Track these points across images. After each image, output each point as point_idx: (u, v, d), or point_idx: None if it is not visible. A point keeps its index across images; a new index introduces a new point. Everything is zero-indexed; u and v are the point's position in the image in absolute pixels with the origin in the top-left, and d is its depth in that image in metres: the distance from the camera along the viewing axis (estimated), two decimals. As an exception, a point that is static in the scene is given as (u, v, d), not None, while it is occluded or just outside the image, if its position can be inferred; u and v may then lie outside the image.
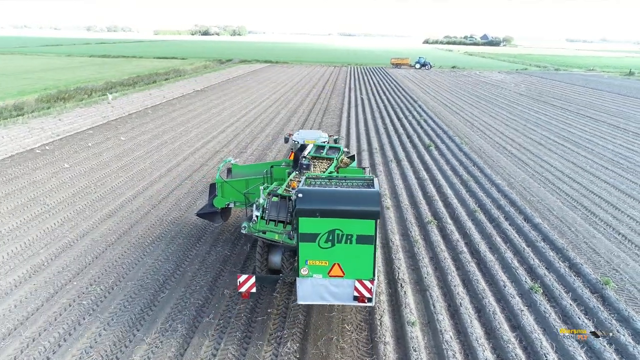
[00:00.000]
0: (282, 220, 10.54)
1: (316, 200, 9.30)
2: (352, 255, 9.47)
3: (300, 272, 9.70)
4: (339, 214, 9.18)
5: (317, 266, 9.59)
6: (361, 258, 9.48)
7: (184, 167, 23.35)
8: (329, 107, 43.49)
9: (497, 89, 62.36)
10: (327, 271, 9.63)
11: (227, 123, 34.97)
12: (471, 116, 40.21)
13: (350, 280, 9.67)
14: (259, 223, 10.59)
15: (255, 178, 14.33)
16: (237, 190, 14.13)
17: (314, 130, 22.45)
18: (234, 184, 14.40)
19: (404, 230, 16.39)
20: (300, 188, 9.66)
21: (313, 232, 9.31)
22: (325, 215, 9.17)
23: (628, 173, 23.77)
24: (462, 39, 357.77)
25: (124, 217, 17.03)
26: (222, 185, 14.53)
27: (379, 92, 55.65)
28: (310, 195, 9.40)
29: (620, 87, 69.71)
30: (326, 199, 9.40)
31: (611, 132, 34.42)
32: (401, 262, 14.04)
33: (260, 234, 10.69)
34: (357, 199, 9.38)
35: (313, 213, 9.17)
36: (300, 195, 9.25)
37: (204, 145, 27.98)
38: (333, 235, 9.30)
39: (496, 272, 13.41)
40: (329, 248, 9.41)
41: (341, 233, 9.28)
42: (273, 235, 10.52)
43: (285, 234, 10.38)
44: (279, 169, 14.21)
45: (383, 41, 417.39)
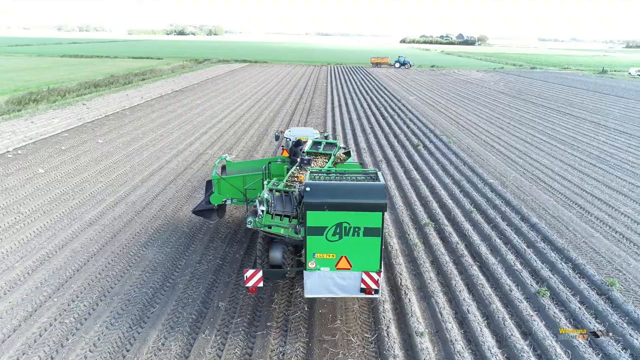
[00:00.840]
0: (288, 215, 10.44)
1: (324, 193, 9.37)
2: (359, 247, 9.56)
3: (308, 266, 9.73)
4: (347, 207, 9.27)
5: (324, 259, 9.68)
6: (368, 250, 9.60)
7: (168, 171, 22.37)
8: (313, 106, 42.84)
9: (477, 87, 62.78)
10: (334, 264, 9.72)
11: (210, 124, 33.96)
12: (456, 115, 40.16)
13: (357, 273, 9.80)
14: (265, 217, 10.43)
15: (253, 174, 14.21)
16: (234, 187, 14.04)
17: (306, 127, 21.98)
18: (230, 181, 14.15)
19: (401, 233, 15.88)
20: (308, 182, 9.66)
21: (321, 226, 9.37)
22: (332, 208, 9.24)
23: (616, 170, 23.86)
24: (439, 38, 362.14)
25: (106, 225, 16.03)
26: (218, 182, 14.27)
27: (361, 91, 55.27)
28: (318, 188, 9.45)
29: (595, 84, 71.14)
30: (333, 192, 9.47)
31: (593, 129, 34.78)
32: (402, 268, 13.52)
33: (265, 228, 10.54)
34: (364, 192, 9.51)
35: (321, 206, 9.22)
36: (308, 189, 9.29)
37: (187, 147, 26.98)
38: (340, 228, 9.39)
39: (500, 276, 13.01)
40: (336, 241, 9.50)
41: (348, 226, 9.37)
42: (279, 230, 10.40)
43: (291, 228, 10.29)
44: (277, 165, 14.13)
45: (361, 40, 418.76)
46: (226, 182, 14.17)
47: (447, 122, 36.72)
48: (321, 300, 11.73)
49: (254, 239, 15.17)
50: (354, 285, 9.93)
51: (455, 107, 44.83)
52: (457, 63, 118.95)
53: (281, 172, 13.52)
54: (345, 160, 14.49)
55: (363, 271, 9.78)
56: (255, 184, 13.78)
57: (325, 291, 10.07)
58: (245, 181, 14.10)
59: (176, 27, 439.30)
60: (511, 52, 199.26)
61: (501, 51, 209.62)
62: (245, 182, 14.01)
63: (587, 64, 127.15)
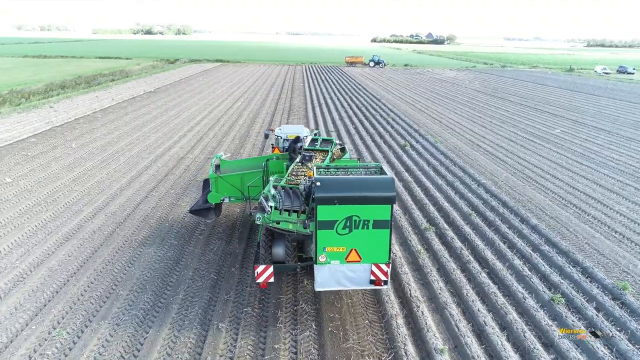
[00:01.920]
0: (296, 210, 10.37)
1: (334, 188, 9.44)
2: (369, 240, 9.71)
3: (319, 260, 9.80)
4: (357, 201, 9.39)
5: (334, 252, 9.77)
6: (377, 242, 9.77)
7: (148, 177, 21.07)
8: (293, 107, 41.91)
9: (453, 86, 63.15)
10: (344, 257, 9.82)
11: (188, 126, 32.59)
12: (437, 114, 40.00)
13: (367, 265, 9.97)
14: (273, 213, 10.28)
15: (252, 172, 14.25)
16: (232, 185, 14.12)
17: (296, 125, 21.71)
18: (228, 179, 14.15)
19: (402, 239, 15.23)
20: (318, 176, 9.72)
21: (331, 220, 9.47)
22: (343, 202, 9.35)
23: (602, 168, 23.96)
24: (409, 37, 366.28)
25: (85, 240, 14.76)
26: (216, 181, 14.26)
27: (339, 91, 54.66)
28: (328, 183, 9.50)
29: (565, 82, 72.81)
30: (343, 186, 9.54)
31: (573, 127, 35.18)
32: (409, 277, 12.85)
33: (274, 224, 10.41)
34: (373, 185, 9.65)
35: (331, 200, 9.31)
36: (319, 184, 9.35)
37: (166, 152, 25.65)
38: (350, 222, 9.50)
39: (511, 283, 12.51)
40: (346, 234, 9.62)
41: (358, 219, 9.49)
42: (287, 225, 10.32)
43: (300, 223, 10.24)
44: (275, 163, 14.15)
45: (332, 40, 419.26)
46: (224, 181, 14.10)
47: (429, 121, 36.47)
48: (329, 318, 10.93)
49: (248, 249, 14.26)
50: (364, 277, 10.10)
51: (435, 105, 44.74)
52: (429, 62, 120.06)
53: (280, 170, 13.56)
54: (341, 157, 14.40)
55: (372, 263, 9.93)
56: (257, 182, 13.73)
57: (335, 284, 10.17)
58: (243, 179, 14.10)
59: (143, 26, 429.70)
60: (479, 51, 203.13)
61: (470, 50, 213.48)
62: (244, 181, 14.03)
63: (554, 62, 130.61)
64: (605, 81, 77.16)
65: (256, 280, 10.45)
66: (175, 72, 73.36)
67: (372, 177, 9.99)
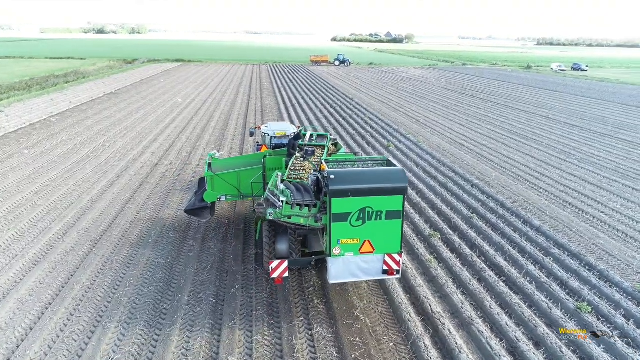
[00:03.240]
0: (308, 204, 10.21)
1: (348, 180, 9.48)
2: (382, 230, 9.80)
3: (333, 252, 9.81)
4: (370, 192, 9.46)
5: (348, 244, 9.81)
6: (390, 233, 9.87)
7: (121, 187, 19.28)
8: (265, 107, 40.48)
9: (421, 84, 63.40)
10: (358, 248, 9.88)
11: (157, 130, 30.62)
12: (412, 112, 39.66)
13: (380, 255, 10.08)
14: (285, 208, 10.05)
15: (250, 169, 14.21)
16: (228, 183, 13.99)
17: (282, 122, 21.25)
18: (224, 177, 14.02)
19: (409, 248, 14.36)
20: (332, 170, 9.76)
21: (345, 212, 9.51)
22: (356, 194, 9.40)
23: (586, 165, 24.09)
24: (368, 36, 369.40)
25: (57, 263, 13.03)
26: (212, 179, 14.06)
27: (310, 91, 53.57)
28: (342, 176, 9.52)
29: (527, 79, 74.75)
30: (357, 179, 9.62)
31: (547, 124, 35.64)
32: (425, 290, 11.97)
33: (285, 219, 10.17)
34: (385, 177, 9.79)
35: (345, 193, 9.35)
36: (333, 177, 9.34)
37: (137, 158, 23.77)
38: (364, 213, 9.58)
39: (532, 292, 11.87)
40: (360, 226, 9.68)
41: (372, 210, 9.58)
42: (298, 220, 10.14)
43: (311, 217, 10.10)
44: (273, 159, 13.91)
45: (292, 39, 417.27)
46: (220, 179, 13.93)
47: (407, 120, 36.01)
48: (351, 343, 9.87)
49: (244, 270, 12.97)
50: (377, 267, 10.20)
51: (408, 104, 44.47)
52: (392, 61, 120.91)
53: (278, 166, 13.37)
54: (335, 152, 14.14)
55: (385, 253, 10.05)
56: (258, 178, 13.67)
57: (349, 276, 10.22)
58: (240, 177, 14.03)
59: (94, 25, 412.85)
60: (438, 50, 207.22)
61: (428, 49, 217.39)
62: (240, 178, 14.00)
63: (512, 59, 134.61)
64: (563, 78, 79.86)
65: (271, 275, 10.31)
66: (135, 73, 70.03)
67: (383, 169, 10.19)
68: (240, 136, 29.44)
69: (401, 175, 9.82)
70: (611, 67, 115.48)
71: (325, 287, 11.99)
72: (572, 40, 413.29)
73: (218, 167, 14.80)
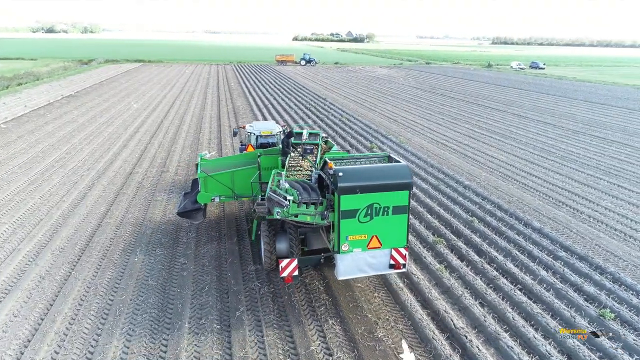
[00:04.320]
0: (314, 202, 10.26)
1: (356, 177, 9.57)
2: (389, 226, 9.91)
3: (341, 249, 9.85)
4: (378, 189, 9.58)
5: (356, 241, 9.86)
6: (396, 228, 9.99)
7: (94, 200, 17.69)
8: (237, 109, 39.08)
9: (391, 84, 63.46)
10: (366, 244, 9.97)
11: (125, 135, 28.78)
12: (388, 112, 39.32)
13: (386, 250, 10.20)
14: (292, 207, 9.96)
15: (243, 169, 14.02)
16: (221, 184, 13.76)
17: (267, 122, 20.69)
18: (218, 178, 13.79)
19: (416, 256, 13.71)
20: (339, 167, 9.77)
21: (353, 209, 9.58)
22: (364, 190, 9.51)
23: (568, 162, 24.32)
24: (329, 35, 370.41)
25: (31, 292, 11.54)
26: (205, 180, 13.78)
27: (281, 91, 52.42)
28: (350, 173, 9.59)
29: (491, 78, 76.40)
30: (364, 175, 9.74)
31: (520, 122, 36.12)
32: (443, 303, 11.33)
33: (292, 217, 10.10)
34: (391, 173, 9.95)
35: (353, 190, 9.44)
36: (341, 174, 9.40)
37: (107, 166, 22.06)
38: (371, 209, 9.67)
39: (551, 300, 11.46)
40: (368, 222, 9.76)
41: (379, 206, 9.69)
42: (305, 218, 10.11)
43: (318, 214, 10.08)
44: (268, 158, 13.90)
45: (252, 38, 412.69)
46: (213, 179, 13.70)
47: (385, 120, 35.60)
48: (378, 368, 9.07)
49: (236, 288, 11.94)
50: (384, 262, 10.33)
51: (382, 104, 44.16)
52: (356, 60, 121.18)
53: (274, 165, 13.42)
54: (329, 149, 14.20)
55: (392, 248, 10.17)
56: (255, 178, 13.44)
57: (357, 272, 10.30)
58: (233, 177, 13.90)
59: (44, 24, 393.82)
60: (400, 49, 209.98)
61: (390, 48, 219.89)
62: (233, 178, 13.89)
63: (472, 58, 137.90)
64: (524, 76, 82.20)
65: (281, 274, 10.29)
66: (93, 74, 66.62)
67: (389, 165, 10.36)
68: (216, 140, 28.09)
69: (406, 171, 10.00)
70: (565, 65, 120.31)
71: (338, 305, 11.15)
72: (524, 39, 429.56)
73: (208, 168, 14.42)
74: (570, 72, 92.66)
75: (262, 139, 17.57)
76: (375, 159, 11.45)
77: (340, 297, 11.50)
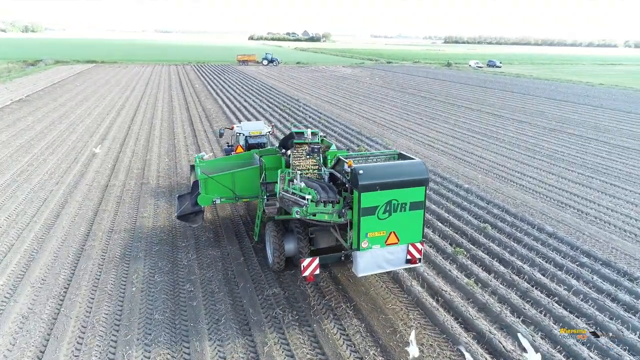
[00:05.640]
0: (332, 201, 10.28)
1: (376, 175, 9.65)
2: (406, 221, 10.04)
3: (361, 246, 9.89)
4: (397, 185, 9.71)
5: (375, 237, 9.92)
6: (413, 223, 10.13)
7: (70, 220, 15.76)
8: (209, 112, 37.20)
9: (358, 83, 63.06)
10: (384, 240, 10.02)
11: (92, 143, 26.47)
12: (365, 113, 38.66)
13: (404, 246, 10.31)
14: (311, 206, 9.96)
15: (245, 170, 13.88)
16: (223, 185, 13.59)
17: (256, 122, 20.51)
18: (219, 179, 13.60)
19: (440, 270, 12.89)
20: (360, 165, 9.88)
21: (373, 206, 9.65)
22: (384, 187, 9.62)
23: (556, 161, 24.46)
24: (285, 35, 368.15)
25: (15, 335, 9.80)
26: (206, 182, 13.55)
27: (251, 92, 50.72)
28: (370, 171, 9.68)
29: (452, 76, 77.69)
30: (384, 173, 9.81)
31: (496, 120, 36.41)
32: (483, 322, 10.52)
33: (311, 216, 10.08)
34: (408, 169, 10.08)
35: (374, 187, 9.53)
36: (362, 172, 9.49)
37: (79, 180, 19.98)
38: (390, 206, 9.78)
39: (593, 313, 10.93)
40: (386, 218, 9.85)
41: (397, 202, 9.81)
42: (323, 216, 10.11)
43: (336, 213, 10.12)
44: (271, 158, 13.73)
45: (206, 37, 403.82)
46: (214, 181, 13.52)
47: (363, 121, 34.88)
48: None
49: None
50: (401, 257, 10.43)
51: (356, 104, 43.50)
52: (317, 59, 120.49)
53: (277, 165, 13.32)
54: (328, 148, 13.86)
55: (409, 243, 10.29)
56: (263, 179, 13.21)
57: (376, 268, 10.39)
58: (234, 178, 13.73)
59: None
60: (358, 48, 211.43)
61: (348, 47, 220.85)
62: (234, 179, 13.73)
63: (430, 57, 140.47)
64: (484, 74, 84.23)
65: (302, 274, 10.37)
66: (42, 76, 62.21)
67: (406, 162, 10.49)
68: (194, 145, 26.35)
69: (423, 167, 10.18)
70: (519, 63, 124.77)
71: (374, 333, 10.13)
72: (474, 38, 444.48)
73: (207, 169, 14.17)
74: (525, 70, 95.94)
75: (251, 139, 17.49)
76: (387, 156, 11.60)
77: (375, 322, 10.49)
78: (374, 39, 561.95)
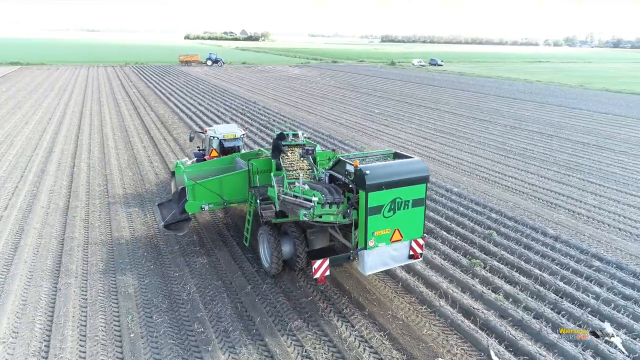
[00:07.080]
0: (337, 202, 10.21)
1: (381, 174, 9.85)
2: (409, 218, 10.35)
3: (368, 245, 10.07)
4: (401, 184, 9.97)
5: (381, 235, 10.16)
6: (415, 219, 10.46)
7: (32, 253, 13.51)
8: (163, 118, 34.66)
9: (312, 84, 62.18)
10: (389, 238, 10.29)
11: (38, 158, 23.52)
12: (329, 115, 37.78)
13: (407, 242, 10.66)
14: (317, 208, 9.88)
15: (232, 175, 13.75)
16: (210, 191, 13.28)
17: (229, 125, 20.43)
18: (207, 185, 13.32)
19: (464, 285, 12.20)
20: (365, 165, 10.07)
21: (379, 205, 9.86)
22: (389, 186, 9.86)
23: (528, 160, 24.87)
24: (223, 34, 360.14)
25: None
26: (193, 188, 13.22)
27: (203, 96, 48.21)
28: (376, 170, 9.87)
29: (400, 75, 78.91)
30: (388, 172, 10.05)
31: (458, 119, 36.89)
32: (527, 342, 9.92)
33: (317, 218, 10.07)
34: (410, 168, 10.38)
35: (380, 187, 9.74)
36: (368, 172, 9.66)
37: (31, 202, 17.44)
38: (394, 204, 10.04)
39: (628, 322, 10.69)
40: (391, 216, 10.10)
41: (401, 200, 10.08)
42: (329, 218, 10.18)
43: (340, 213, 10.18)
44: (261, 161, 13.43)
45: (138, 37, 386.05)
46: (202, 187, 13.24)
47: (331, 124, 33.99)
48: None
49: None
50: (404, 254, 10.81)
51: (317, 106, 42.54)
52: (262, 59, 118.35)
53: (268, 168, 12.99)
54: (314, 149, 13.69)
55: (412, 239, 10.67)
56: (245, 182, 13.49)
57: (382, 265, 10.70)
58: (221, 183, 13.45)
59: None
60: (299, 47, 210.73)
61: (287, 46, 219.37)
62: (222, 185, 13.45)
63: (372, 56, 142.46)
64: (428, 73, 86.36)
65: (314, 275, 10.42)
66: (-40, 80, 55.77)
67: (407, 161, 10.82)
68: (157, 155, 24.19)
69: (423, 165, 10.58)
70: (457, 61, 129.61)
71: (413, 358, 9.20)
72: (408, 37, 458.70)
73: (192, 175, 13.79)
74: (464, 69, 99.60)
75: (226, 142, 17.16)
76: (383, 155, 11.71)
77: (418, 354, 9.56)
78: (313, 38, 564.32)
